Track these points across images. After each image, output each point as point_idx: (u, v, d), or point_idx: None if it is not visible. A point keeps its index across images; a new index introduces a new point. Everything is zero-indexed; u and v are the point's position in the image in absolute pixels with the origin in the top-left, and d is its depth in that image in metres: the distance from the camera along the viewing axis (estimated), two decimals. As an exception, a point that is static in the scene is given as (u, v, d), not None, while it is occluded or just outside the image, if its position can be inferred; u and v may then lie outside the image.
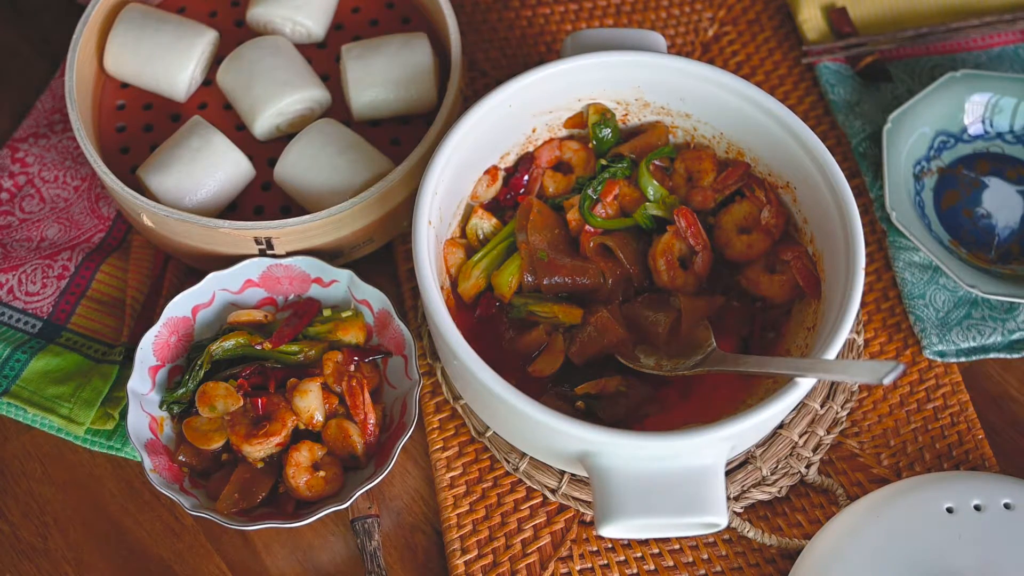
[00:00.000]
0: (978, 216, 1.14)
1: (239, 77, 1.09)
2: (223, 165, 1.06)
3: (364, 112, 1.11)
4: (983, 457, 1.04)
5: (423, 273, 0.92)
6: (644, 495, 0.86)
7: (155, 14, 1.13)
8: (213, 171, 1.05)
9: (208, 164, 1.05)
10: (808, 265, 1.01)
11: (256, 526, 0.96)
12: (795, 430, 1.03)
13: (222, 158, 1.06)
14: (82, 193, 1.16)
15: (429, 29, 1.17)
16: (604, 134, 1.07)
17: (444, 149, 0.97)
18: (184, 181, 1.04)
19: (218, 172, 1.05)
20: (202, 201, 1.05)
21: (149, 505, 1.04)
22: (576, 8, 1.28)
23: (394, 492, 1.04)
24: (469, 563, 1.00)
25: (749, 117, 1.01)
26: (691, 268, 1.03)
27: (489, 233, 1.05)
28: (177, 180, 1.04)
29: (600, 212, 1.04)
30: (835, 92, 1.20)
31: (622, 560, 1.01)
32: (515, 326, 1.02)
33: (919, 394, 1.07)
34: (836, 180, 0.96)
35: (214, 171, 1.05)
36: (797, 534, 1.01)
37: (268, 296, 1.08)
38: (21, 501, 1.04)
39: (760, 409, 0.87)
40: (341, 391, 1.02)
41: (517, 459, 1.02)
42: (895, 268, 1.11)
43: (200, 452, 1.01)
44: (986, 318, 1.08)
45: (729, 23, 1.27)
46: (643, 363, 0.98)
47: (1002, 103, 1.16)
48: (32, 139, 1.18)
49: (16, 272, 1.11)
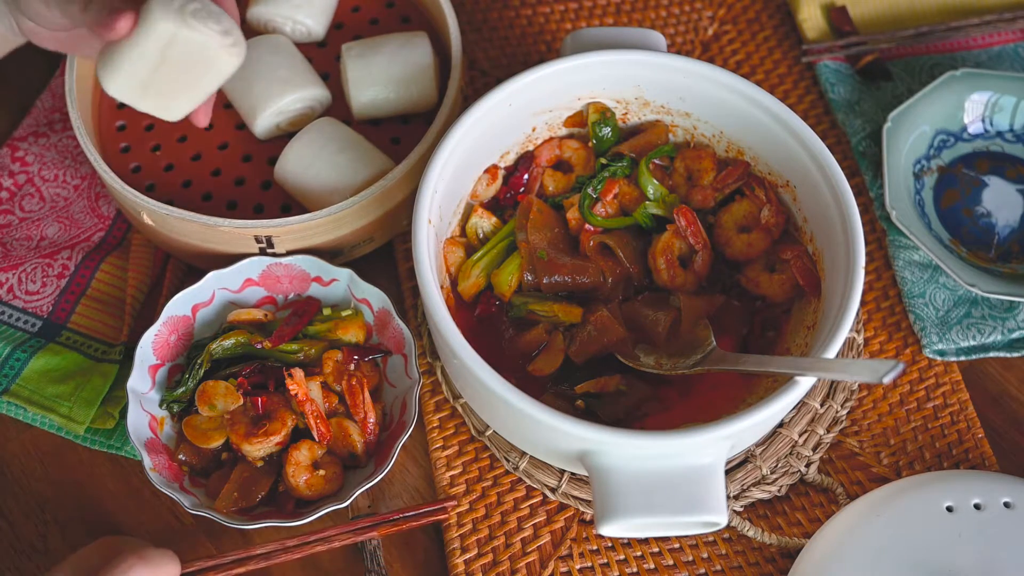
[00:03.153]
0: (978, 215, 1.14)
1: (239, 76, 1.09)
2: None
3: (364, 111, 1.11)
4: (983, 456, 1.04)
5: (423, 272, 0.92)
6: (644, 494, 0.86)
7: (155, 13, 1.13)
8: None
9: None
10: (808, 264, 1.01)
11: (256, 525, 0.96)
12: (795, 429, 1.03)
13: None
14: (82, 192, 1.16)
15: (429, 28, 1.17)
16: (604, 133, 1.07)
17: (444, 148, 0.97)
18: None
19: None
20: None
21: (149, 504, 1.04)
22: (576, 7, 1.28)
23: (394, 491, 1.04)
24: (469, 562, 1.00)
25: (749, 116, 1.01)
26: (691, 267, 1.03)
27: (489, 232, 1.05)
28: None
29: (600, 211, 1.04)
30: (835, 91, 1.20)
31: (622, 559, 1.01)
32: (515, 325, 1.02)
33: (919, 393, 1.07)
34: (836, 179, 0.96)
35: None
36: (797, 533, 1.01)
37: (268, 295, 1.08)
38: (21, 500, 1.04)
39: (760, 408, 0.87)
40: (341, 390, 1.02)
41: (517, 458, 1.02)
42: (895, 267, 1.11)
43: (200, 451, 1.01)
44: (986, 317, 1.08)
45: (729, 22, 1.27)
46: (643, 362, 0.98)
47: (1002, 102, 1.16)
48: (32, 138, 1.18)
49: (16, 271, 1.11)
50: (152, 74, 0.86)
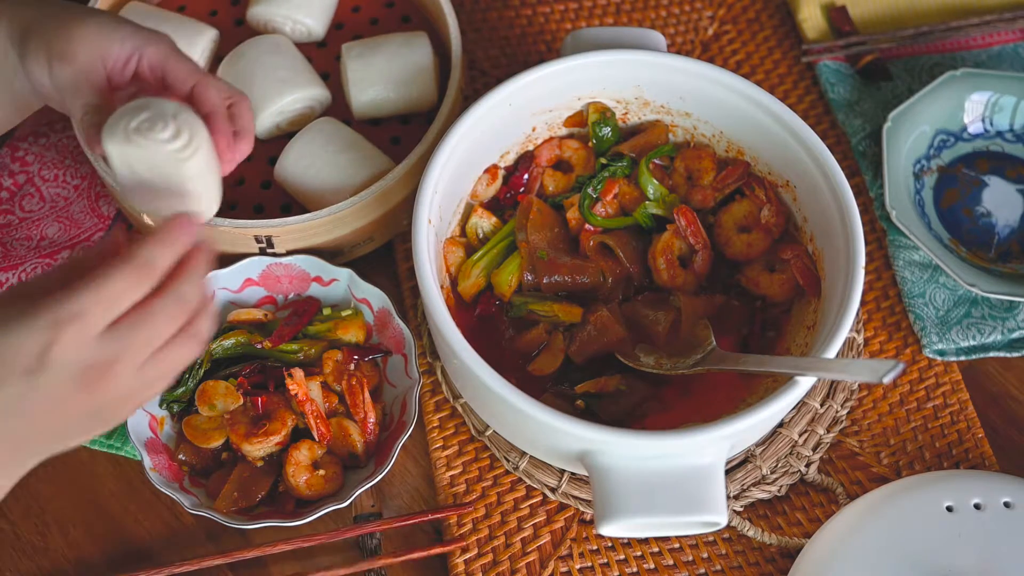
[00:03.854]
0: (978, 215, 1.14)
1: (239, 76, 1.09)
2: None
3: (364, 111, 1.11)
4: (983, 456, 1.04)
5: (423, 272, 0.92)
6: (644, 494, 0.86)
7: (156, 13, 1.13)
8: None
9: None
10: (808, 264, 1.01)
11: (256, 525, 0.96)
12: (795, 429, 1.03)
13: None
14: (82, 192, 1.16)
15: (429, 28, 1.17)
16: (604, 133, 1.07)
17: (444, 148, 0.97)
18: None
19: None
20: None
21: (149, 504, 1.04)
22: (576, 7, 1.28)
23: (394, 491, 1.04)
24: (469, 562, 1.00)
25: (749, 116, 1.01)
26: (691, 267, 1.03)
27: (489, 232, 1.05)
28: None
29: (600, 211, 1.04)
30: (835, 91, 1.20)
31: (622, 559, 1.01)
32: (515, 325, 1.02)
33: (919, 393, 1.07)
34: (836, 179, 0.96)
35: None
36: (797, 533, 1.01)
37: (268, 295, 1.08)
38: (21, 500, 1.04)
39: (760, 408, 0.87)
40: (341, 390, 1.02)
41: (517, 458, 1.02)
42: (895, 267, 1.11)
43: (200, 451, 1.01)
44: (986, 317, 1.08)
45: (729, 22, 1.27)
46: (643, 362, 0.98)
47: (1002, 102, 1.16)
48: (32, 138, 1.18)
49: (16, 271, 1.11)
50: (149, 188, 0.82)
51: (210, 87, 0.87)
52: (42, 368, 0.69)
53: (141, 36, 0.87)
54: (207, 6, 1.19)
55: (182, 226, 0.75)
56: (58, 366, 0.70)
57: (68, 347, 0.69)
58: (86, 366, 0.70)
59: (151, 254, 0.73)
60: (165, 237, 0.74)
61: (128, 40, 0.86)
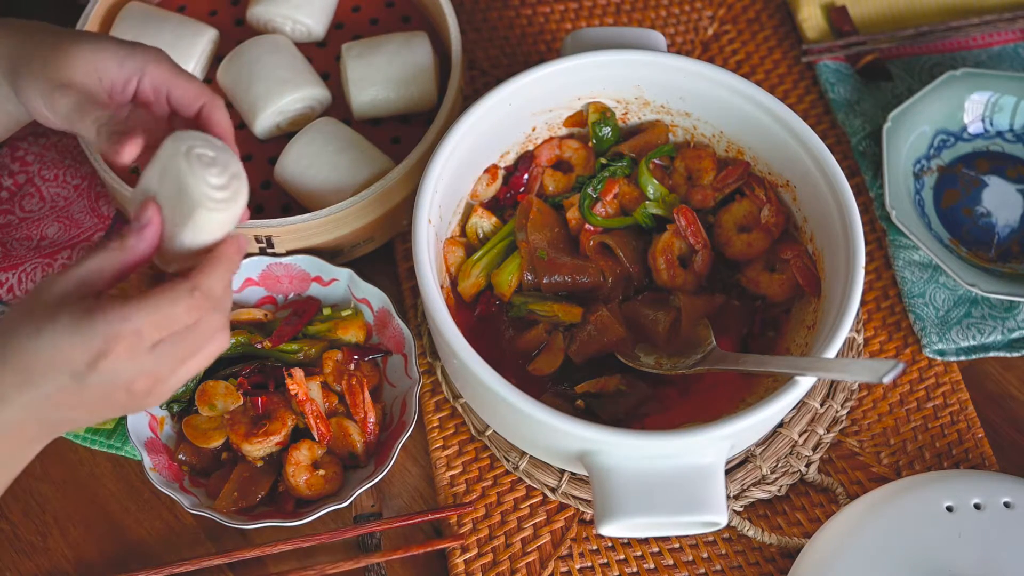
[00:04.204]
0: (978, 215, 1.14)
1: (239, 76, 1.09)
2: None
3: (364, 111, 1.11)
4: (983, 456, 1.04)
5: (423, 272, 0.92)
6: (644, 494, 0.86)
7: (155, 13, 1.12)
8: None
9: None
10: (808, 264, 1.01)
11: (256, 525, 0.96)
12: (795, 429, 1.03)
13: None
14: (82, 192, 1.16)
15: (429, 28, 1.17)
16: (604, 133, 1.07)
17: (444, 148, 0.97)
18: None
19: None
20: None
21: (149, 504, 1.04)
22: (576, 7, 1.28)
23: (394, 491, 1.04)
24: (469, 562, 1.00)
25: (749, 116, 1.01)
26: (691, 267, 1.03)
27: (489, 232, 1.05)
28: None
29: (600, 211, 1.04)
30: (835, 91, 1.20)
31: (622, 559, 1.01)
32: (515, 325, 1.02)
33: (919, 393, 1.07)
34: (836, 179, 0.96)
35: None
36: (797, 533, 1.01)
37: (268, 295, 1.08)
38: (21, 500, 1.04)
39: (760, 408, 0.87)
40: (341, 390, 1.02)
41: (517, 458, 1.02)
42: (895, 267, 1.11)
43: (200, 451, 1.01)
44: (986, 317, 1.08)
45: (729, 22, 1.27)
46: (643, 362, 0.98)
47: (1002, 102, 1.16)
48: (32, 137, 1.18)
49: (16, 271, 1.11)
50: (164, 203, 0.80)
51: (217, 110, 0.87)
52: (91, 372, 0.73)
53: (139, 56, 0.86)
54: (207, 6, 1.19)
55: (240, 250, 0.79)
56: (107, 374, 0.73)
57: (120, 359, 0.73)
58: (133, 377, 0.74)
59: (212, 285, 0.76)
60: (228, 266, 0.77)
61: (127, 61, 0.86)
